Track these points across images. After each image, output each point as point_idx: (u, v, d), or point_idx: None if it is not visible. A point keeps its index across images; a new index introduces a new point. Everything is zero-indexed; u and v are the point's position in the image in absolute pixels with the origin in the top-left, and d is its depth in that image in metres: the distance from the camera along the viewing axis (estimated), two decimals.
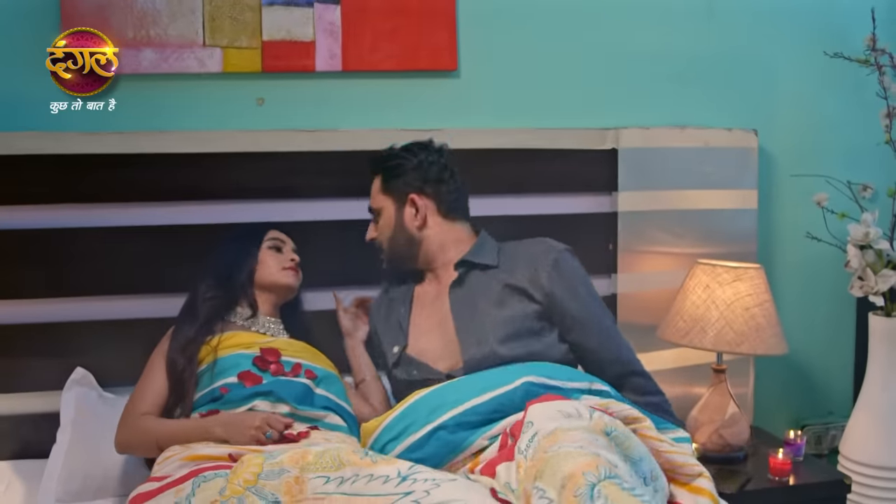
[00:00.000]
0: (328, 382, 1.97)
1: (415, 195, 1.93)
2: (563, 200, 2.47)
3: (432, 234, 1.95)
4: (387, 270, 2.03)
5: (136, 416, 1.86)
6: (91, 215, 2.18)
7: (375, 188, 1.99)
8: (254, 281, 2.04)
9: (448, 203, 1.96)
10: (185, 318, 2.01)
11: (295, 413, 1.85)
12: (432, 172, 1.95)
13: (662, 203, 2.52)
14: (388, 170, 1.96)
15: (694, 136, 2.54)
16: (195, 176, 2.22)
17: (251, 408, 1.83)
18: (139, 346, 2.05)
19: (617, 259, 2.49)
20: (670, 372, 2.55)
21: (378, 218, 1.98)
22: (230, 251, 2.06)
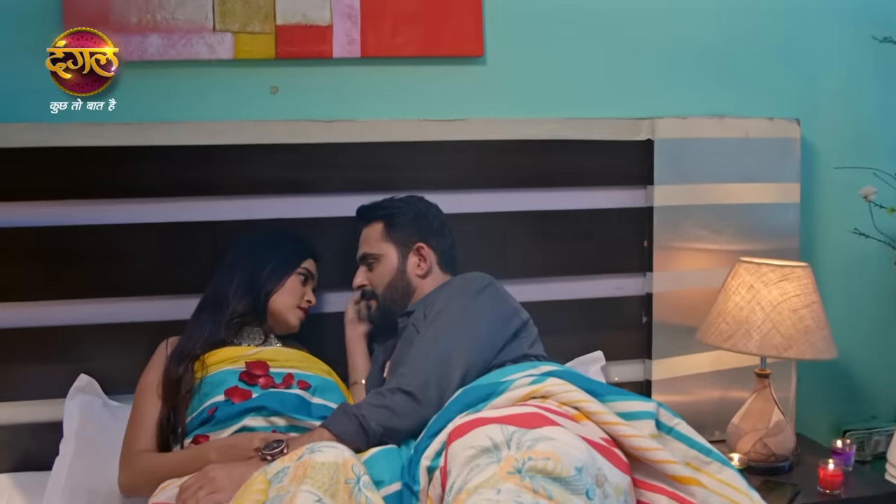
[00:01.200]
0: (325, 390, 1.86)
1: (422, 245, 1.96)
2: (595, 195, 2.36)
3: (429, 285, 1.96)
4: (375, 317, 2.01)
5: (134, 456, 1.78)
6: (94, 211, 2.08)
7: (374, 235, 1.99)
8: (269, 302, 1.94)
9: (447, 258, 2.02)
10: (205, 319, 1.90)
11: (294, 424, 1.76)
12: (435, 224, 2.00)
13: (700, 197, 2.40)
14: (391, 217, 1.98)
15: (733, 126, 2.42)
16: (204, 169, 2.13)
17: (243, 426, 1.73)
18: (147, 352, 1.98)
19: (652, 257, 2.37)
20: (708, 376, 2.45)
21: (374, 264, 1.98)
22: (271, 259, 1.96)
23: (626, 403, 1.55)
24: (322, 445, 1.44)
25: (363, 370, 2.05)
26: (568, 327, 2.30)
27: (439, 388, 1.65)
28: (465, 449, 1.36)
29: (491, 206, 2.27)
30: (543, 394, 1.52)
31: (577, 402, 1.50)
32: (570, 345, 2.31)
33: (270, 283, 1.93)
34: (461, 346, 1.72)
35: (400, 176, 2.20)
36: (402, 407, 1.62)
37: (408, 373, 1.67)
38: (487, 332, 1.77)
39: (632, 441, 1.45)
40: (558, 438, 1.35)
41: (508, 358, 1.77)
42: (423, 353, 1.71)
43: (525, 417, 1.42)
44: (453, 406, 1.57)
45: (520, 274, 2.27)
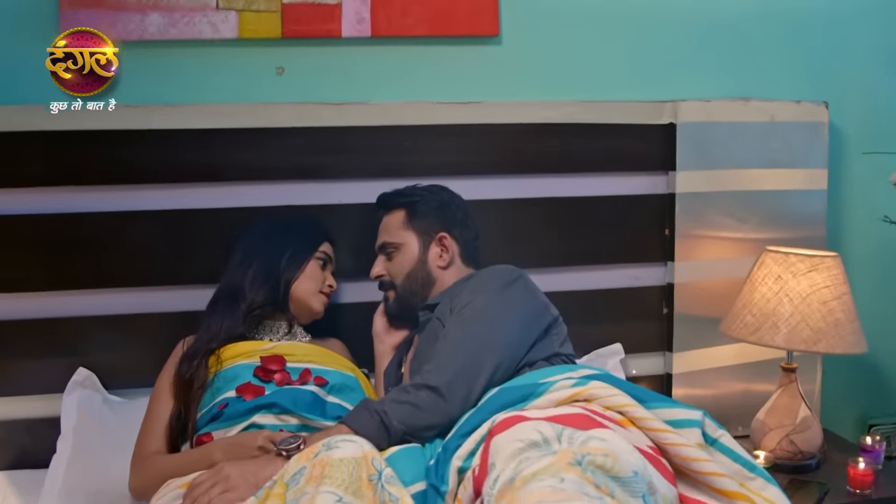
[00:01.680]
0: (343, 388, 1.79)
1: (445, 234, 1.90)
2: (615, 181, 2.28)
3: (450, 276, 1.90)
4: (392, 308, 1.95)
5: (145, 458, 1.72)
6: (92, 198, 2.01)
7: (395, 223, 1.93)
8: (290, 290, 1.87)
9: (469, 250, 1.96)
10: (221, 313, 1.83)
11: (306, 424, 1.68)
12: (459, 215, 1.94)
13: (724, 183, 2.32)
14: (413, 205, 1.92)
15: (759, 109, 2.34)
16: (208, 154, 2.05)
17: (251, 423, 1.66)
18: (149, 344, 1.97)
19: (674, 245, 2.30)
20: (730, 369, 2.38)
21: (394, 254, 1.92)
22: (287, 246, 1.89)
23: (672, 411, 1.47)
24: (339, 440, 1.37)
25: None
26: (586, 319, 2.22)
27: (467, 385, 1.57)
28: (512, 442, 1.28)
29: (506, 193, 2.21)
30: (587, 397, 1.45)
31: (622, 407, 1.42)
32: (588, 337, 2.25)
33: (290, 271, 1.87)
34: (491, 342, 1.64)
35: (412, 161, 2.13)
36: (426, 404, 1.54)
37: (434, 369, 1.59)
38: (518, 328, 1.69)
39: (679, 450, 1.37)
40: (610, 440, 1.28)
41: (539, 357, 1.69)
42: (451, 349, 1.62)
43: (573, 418, 1.35)
44: (489, 406, 1.49)
45: (535, 263, 2.18)
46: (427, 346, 1.74)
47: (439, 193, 1.98)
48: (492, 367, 1.60)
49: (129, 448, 1.77)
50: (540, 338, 1.71)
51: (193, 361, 1.75)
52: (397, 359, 1.94)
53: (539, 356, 1.69)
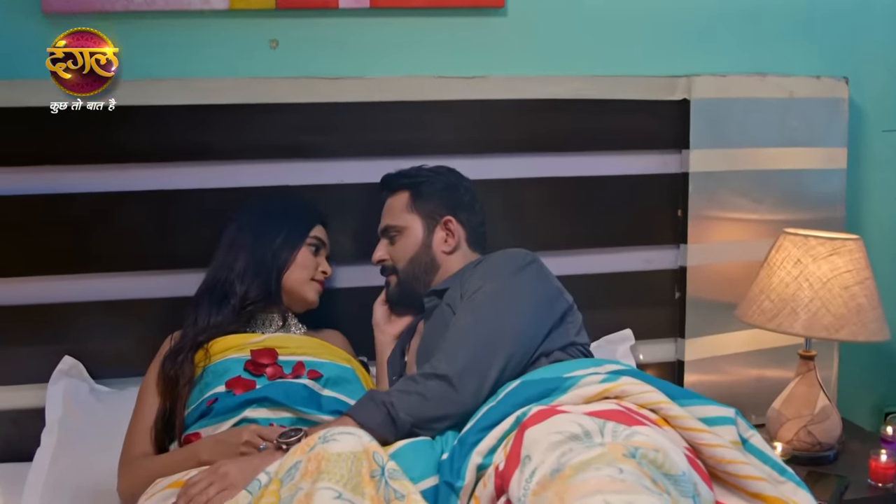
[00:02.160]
0: (339, 381, 1.71)
1: (451, 218, 1.83)
2: (625, 159, 2.21)
3: (455, 262, 1.83)
4: (394, 294, 1.87)
5: (132, 461, 1.64)
6: (76, 178, 1.93)
7: (398, 205, 1.86)
8: (281, 280, 1.79)
9: (476, 235, 1.88)
10: (206, 310, 1.75)
11: (302, 418, 1.60)
12: (466, 198, 1.87)
13: (739, 162, 2.25)
14: (418, 187, 1.85)
15: (777, 84, 2.26)
16: (198, 132, 1.97)
17: (243, 418, 1.58)
18: (138, 331, 1.93)
19: (687, 227, 2.22)
20: (744, 356, 2.32)
21: (396, 237, 1.85)
22: (276, 232, 1.80)
23: (704, 408, 1.38)
24: (336, 433, 1.28)
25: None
26: (594, 303, 2.11)
27: (479, 375, 1.49)
28: (550, 434, 1.20)
29: (511, 172, 2.14)
30: (618, 394, 1.36)
31: (656, 405, 1.33)
32: (597, 322, 2.14)
33: (280, 260, 1.78)
34: (504, 329, 1.55)
35: (413, 138, 2.06)
36: (436, 394, 1.46)
37: (444, 357, 1.51)
38: (532, 315, 1.60)
39: (714, 451, 1.28)
40: (655, 438, 1.19)
41: (555, 346, 1.61)
42: (461, 337, 1.54)
43: (610, 413, 1.27)
44: (511, 399, 1.40)
45: (541, 245, 2.08)
46: (435, 334, 1.66)
47: (446, 175, 1.90)
48: (505, 356, 1.52)
49: (116, 441, 1.70)
50: (555, 325, 1.63)
51: (178, 357, 1.68)
52: (400, 347, 1.86)
53: (555, 345, 1.61)
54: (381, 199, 1.91)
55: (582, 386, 1.38)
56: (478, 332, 1.54)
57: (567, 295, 1.70)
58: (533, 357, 1.57)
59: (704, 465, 1.30)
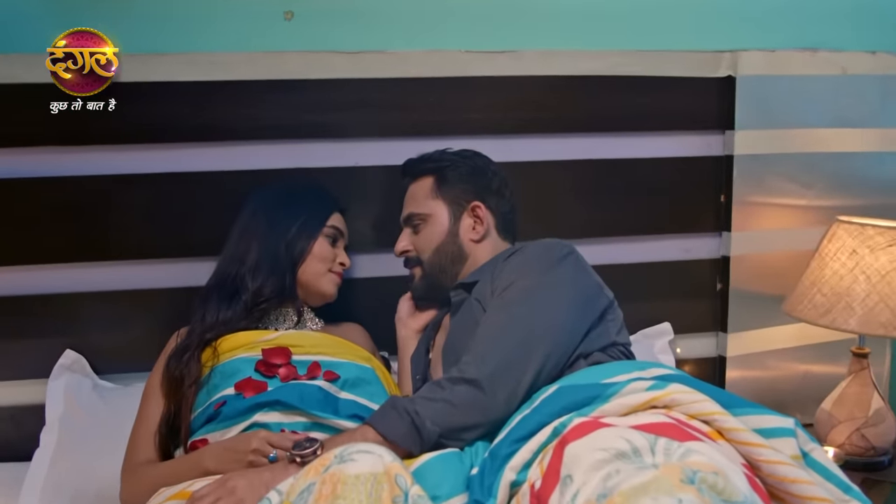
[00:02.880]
0: (358, 383, 1.59)
1: (479, 204, 1.72)
2: (665, 141, 2.11)
3: (484, 251, 1.72)
4: (418, 288, 1.77)
5: (135, 468, 1.53)
6: (79, 160, 1.84)
7: (422, 192, 1.76)
8: (297, 274, 1.69)
9: (506, 222, 1.78)
10: (215, 307, 1.64)
11: (318, 422, 1.49)
12: (494, 182, 1.77)
13: (788, 144, 2.13)
14: (442, 171, 1.75)
15: (829, 60, 2.15)
16: (207, 110, 1.88)
17: (253, 423, 1.47)
18: (144, 323, 1.86)
19: (730, 214, 2.12)
20: (790, 351, 2.22)
21: (420, 226, 1.74)
22: (290, 222, 1.69)
23: (761, 418, 1.24)
24: (354, 451, 1.15)
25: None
26: (630, 295, 1.96)
27: (512, 378, 1.37)
28: (594, 451, 1.08)
29: (541, 154, 2.04)
30: (667, 403, 1.23)
31: (709, 416, 1.20)
32: (634, 315, 1.99)
33: (295, 252, 1.67)
34: (540, 328, 1.43)
35: (437, 118, 1.96)
36: (465, 400, 1.35)
37: (473, 360, 1.39)
38: (571, 313, 1.47)
39: (775, 468, 1.15)
40: (712, 455, 1.06)
41: (595, 347, 1.48)
42: (492, 336, 1.42)
43: (661, 427, 1.14)
44: (547, 407, 1.28)
45: (574, 233, 1.98)
46: (463, 332, 1.55)
47: (472, 158, 1.78)
48: (541, 358, 1.39)
49: (120, 442, 1.60)
50: (595, 324, 1.50)
51: (184, 356, 1.57)
52: (424, 344, 1.75)
53: (594, 346, 1.48)
54: (402, 186, 1.80)
55: (626, 394, 1.25)
56: (511, 332, 1.42)
57: (607, 290, 1.58)
58: (571, 359, 1.45)
59: (763, 484, 1.17)
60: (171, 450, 1.56)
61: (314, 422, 1.47)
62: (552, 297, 1.47)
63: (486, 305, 1.52)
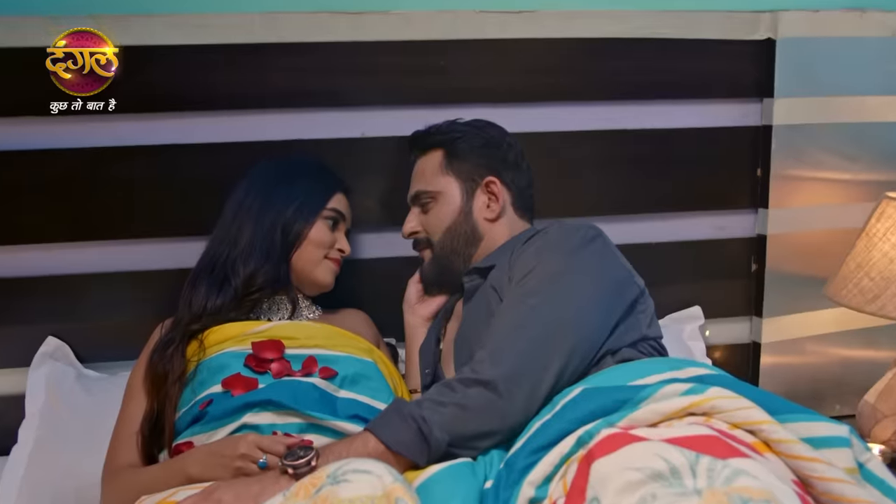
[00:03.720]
0: (358, 379, 1.45)
1: (493, 179, 1.59)
2: (697, 110, 1.98)
3: (500, 231, 1.60)
4: (428, 273, 1.65)
5: (117, 472, 1.42)
6: (55, 132, 1.73)
7: (430, 167, 1.63)
8: (291, 260, 1.57)
9: (524, 198, 1.65)
10: (203, 295, 1.52)
11: (314, 423, 1.36)
12: (510, 155, 1.64)
13: (832, 113, 2.00)
14: (453, 144, 1.62)
15: (878, 21, 2.00)
16: (196, 78, 1.77)
17: (242, 424, 1.34)
18: (132, 308, 1.78)
19: (768, 189, 1.99)
20: (830, 338, 2.10)
21: (430, 205, 1.62)
22: (286, 204, 1.57)
23: (811, 425, 1.10)
24: (350, 469, 1.02)
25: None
26: (658, 277, 1.86)
27: (531, 379, 1.23)
28: (624, 470, 0.95)
29: (562, 125, 1.91)
30: (706, 409, 1.09)
31: (755, 425, 1.06)
32: (662, 298, 1.88)
33: (290, 236, 1.55)
34: (563, 320, 1.29)
35: (447, 85, 1.84)
36: (478, 404, 1.21)
37: (487, 357, 1.25)
38: (598, 304, 1.33)
39: (832, 487, 1.01)
40: (761, 477, 0.93)
41: (623, 342, 1.35)
42: (510, 330, 1.28)
43: (700, 441, 1.00)
44: (571, 412, 1.15)
45: (597, 210, 1.93)
46: (476, 323, 1.42)
47: (485, 129, 1.65)
48: (564, 356, 1.25)
49: (103, 438, 1.49)
50: (624, 316, 1.36)
51: (167, 350, 1.44)
52: (435, 332, 1.62)
53: (623, 341, 1.35)
54: (409, 162, 1.68)
55: (660, 399, 1.11)
56: (530, 326, 1.28)
57: (638, 278, 1.43)
58: (597, 356, 1.31)
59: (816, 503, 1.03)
60: (154, 452, 1.44)
61: (310, 423, 1.34)
62: (577, 286, 1.33)
63: (502, 294, 1.39)
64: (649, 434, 1.03)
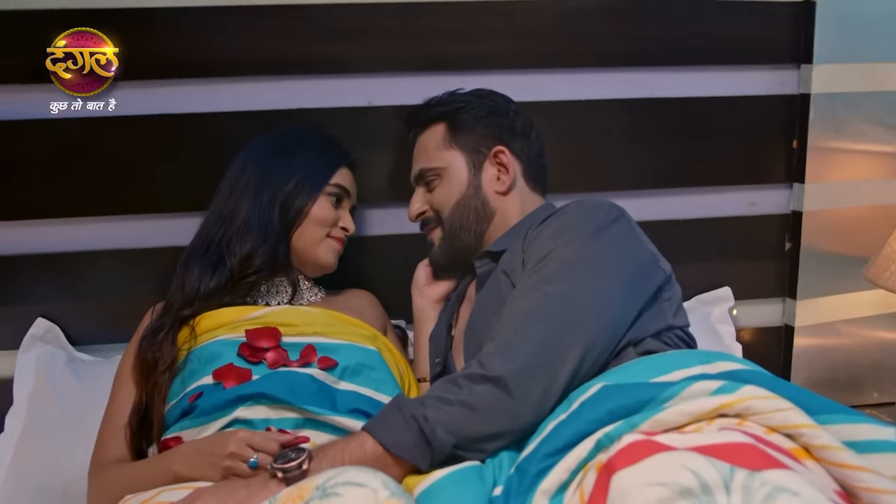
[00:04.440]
0: (360, 370, 1.36)
1: (502, 149, 1.49)
2: (728, 77, 1.86)
3: (512, 206, 1.50)
4: (438, 255, 1.54)
5: (104, 467, 1.33)
6: (37, 101, 1.64)
7: (433, 142, 1.54)
8: (291, 240, 1.46)
9: (536, 168, 1.55)
10: (196, 277, 1.43)
11: (312, 418, 1.26)
12: (518, 124, 1.54)
13: (876, 81, 1.88)
14: (455, 115, 1.52)
15: None
16: (188, 41, 1.68)
17: (234, 419, 1.25)
18: (129, 288, 1.69)
19: (804, 162, 1.88)
20: (868, 321, 1.99)
21: (435, 182, 1.52)
22: (286, 179, 1.46)
23: (854, 427, 0.99)
24: (342, 482, 0.93)
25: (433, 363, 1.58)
26: (685, 256, 1.79)
27: (546, 376, 1.12)
28: (648, 486, 0.86)
29: (580, 92, 1.80)
30: (739, 411, 0.98)
31: (794, 429, 0.96)
32: (689, 279, 1.80)
33: (290, 214, 1.45)
34: (581, 311, 1.18)
35: (459, 49, 1.74)
36: (486, 403, 1.11)
37: (497, 350, 1.15)
38: (620, 292, 1.22)
39: (879, 499, 0.91)
40: (803, 494, 0.83)
41: (647, 332, 1.23)
42: (523, 321, 1.18)
43: (734, 451, 0.90)
44: (587, 413, 1.05)
45: (617, 185, 1.83)
46: (487, 312, 1.31)
47: (489, 97, 1.54)
48: (582, 349, 1.14)
49: (94, 427, 1.41)
50: (648, 304, 1.24)
51: (157, 337, 1.35)
52: (446, 318, 1.52)
53: (646, 331, 1.23)
54: (410, 140, 1.59)
55: (687, 398, 1.00)
56: (545, 316, 1.16)
57: (664, 262, 1.31)
58: (617, 348, 1.20)
59: None
60: (143, 446, 1.35)
61: (307, 418, 1.25)
62: (597, 271, 1.21)
63: (514, 280, 1.28)
64: (676, 441, 0.92)
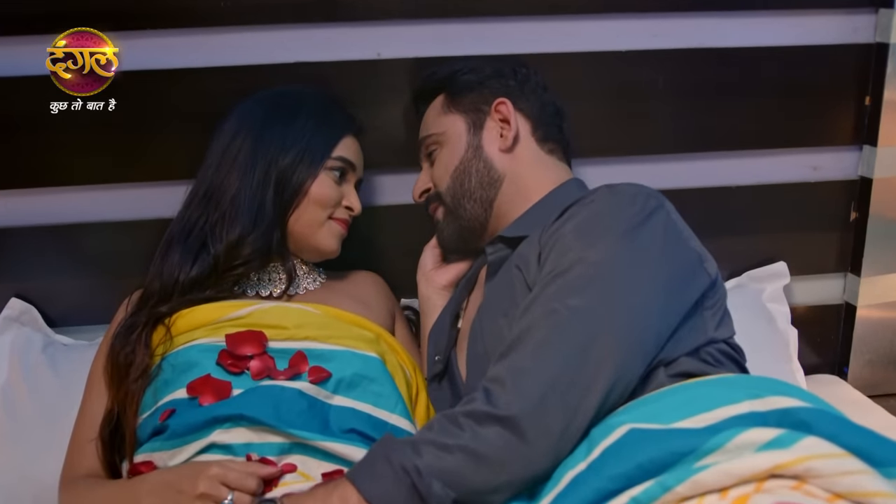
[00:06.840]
0: (357, 382, 1.18)
1: (503, 100, 1.34)
2: (791, 23, 1.67)
3: (525, 169, 1.33)
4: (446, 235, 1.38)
5: (73, 482, 1.20)
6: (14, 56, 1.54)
7: (433, 111, 1.42)
8: (287, 223, 1.29)
9: (549, 129, 1.37)
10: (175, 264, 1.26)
11: (299, 443, 1.10)
12: (528, 86, 1.39)
13: None
14: (453, 79, 1.40)
15: None
16: None
17: (210, 444, 1.09)
18: (109, 263, 1.58)
19: (878, 122, 1.69)
20: None
21: (436, 152, 1.38)
22: (282, 150, 1.29)
23: None
24: None
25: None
26: (735, 227, 1.72)
27: (566, 413, 0.94)
28: None
29: (617, 42, 1.63)
30: (799, 473, 0.81)
31: (867, 498, 0.78)
32: (739, 253, 1.75)
33: (286, 193, 1.27)
34: (612, 331, 0.99)
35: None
36: (495, 450, 0.93)
37: (509, 378, 0.96)
38: (657, 305, 1.02)
39: None
40: None
41: (683, 349, 1.03)
42: (540, 343, 0.99)
43: None
44: (610, 466, 0.88)
45: (658, 147, 1.67)
46: (496, 311, 1.14)
47: (490, 62, 1.41)
48: (609, 379, 0.95)
49: (70, 426, 1.28)
50: (688, 315, 1.05)
51: (130, 336, 1.19)
52: (452, 309, 1.34)
53: (682, 348, 1.04)
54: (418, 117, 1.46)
55: (733, 453, 0.83)
56: (567, 338, 0.98)
57: (709, 262, 1.11)
58: (647, 370, 1.02)
59: None
60: (116, 461, 1.21)
61: (294, 442, 1.09)
62: (630, 281, 1.02)
63: (528, 277, 1.10)
64: None
